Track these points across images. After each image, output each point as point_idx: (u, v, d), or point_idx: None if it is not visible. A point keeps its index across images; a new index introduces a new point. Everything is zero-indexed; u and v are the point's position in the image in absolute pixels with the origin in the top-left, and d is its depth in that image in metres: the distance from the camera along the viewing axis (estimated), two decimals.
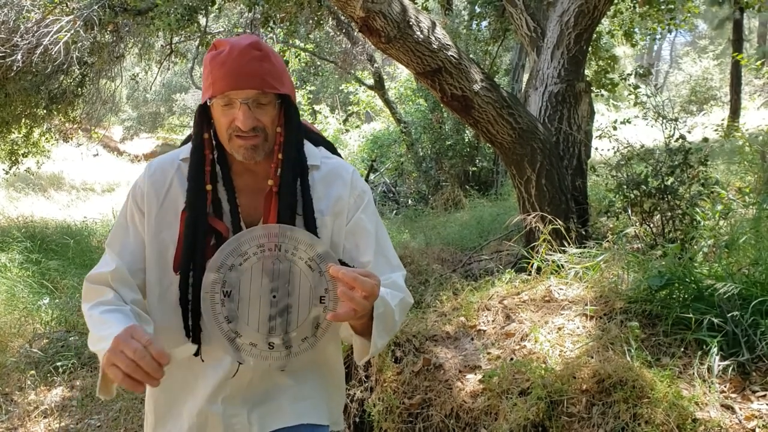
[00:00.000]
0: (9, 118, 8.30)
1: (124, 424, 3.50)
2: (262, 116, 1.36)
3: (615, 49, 11.69)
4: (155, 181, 1.45)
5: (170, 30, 7.37)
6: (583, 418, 2.40)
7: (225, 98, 1.34)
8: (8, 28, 6.79)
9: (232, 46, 1.33)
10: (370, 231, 1.48)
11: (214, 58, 1.34)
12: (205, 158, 1.41)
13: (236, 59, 1.31)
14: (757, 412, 2.20)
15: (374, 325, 1.31)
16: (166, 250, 1.42)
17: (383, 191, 12.14)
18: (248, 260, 1.30)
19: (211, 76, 1.34)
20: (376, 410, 2.92)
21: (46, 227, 9.14)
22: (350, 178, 1.51)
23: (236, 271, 1.30)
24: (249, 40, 1.34)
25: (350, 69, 12.69)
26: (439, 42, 4.02)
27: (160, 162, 1.50)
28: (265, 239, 1.30)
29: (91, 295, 1.39)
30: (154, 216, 1.43)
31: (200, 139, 1.41)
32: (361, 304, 1.19)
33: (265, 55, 1.34)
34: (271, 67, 1.35)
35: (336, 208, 1.47)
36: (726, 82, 18.41)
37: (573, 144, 4.70)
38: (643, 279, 3.08)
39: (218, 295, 1.30)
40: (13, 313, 5.03)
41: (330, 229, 1.45)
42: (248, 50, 1.32)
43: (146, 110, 25.81)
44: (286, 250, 1.30)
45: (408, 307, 1.50)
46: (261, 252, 1.30)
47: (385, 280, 1.44)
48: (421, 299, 4.09)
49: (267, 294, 1.31)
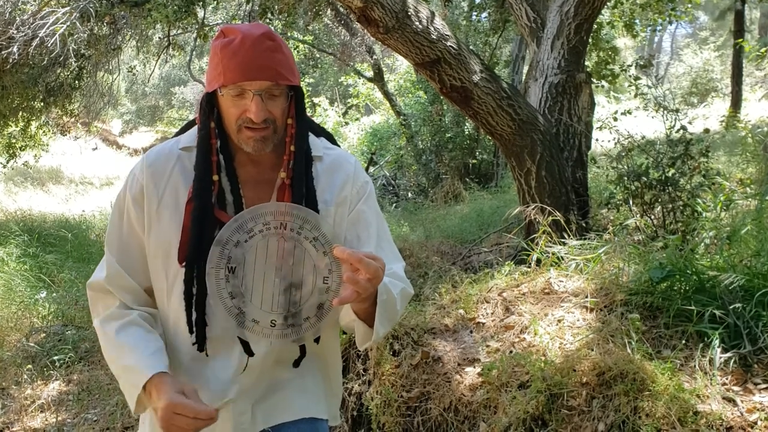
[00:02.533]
0: (6, 111, 8.26)
1: (121, 419, 3.48)
2: (273, 108, 1.34)
3: (616, 41, 11.64)
4: (154, 172, 1.41)
5: (168, 22, 7.32)
6: (583, 411, 2.38)
7: (237, 88, 1.31)
8: (4, 20, 6.75)
9: (244, 35, 1.29)
10: (371, 222, 1.49)
11: (225, 46, 1.30)
12: (211, 148, 1.38)
13: (249, 49, 1.28)
14: (759, 404, 2.18)
15: (377, 312, 1.31)
16: (169, 243, 1.39)
17: (383, 184, 12.11)
18: (254, 237, 1.29)
19: (221, 64, 1.30)
20: (374, 404, 2.90)
21: (44, 221, 9.12)
22: (353, 169, 1.51)
23: (241, 248, 1.29)
24: (261, 30, 1.31)
25: (349, 61, 12.64)
26: (438, 32, 3.98)
27: (158, 152, 1.45)
28: (271, 217, 1.29)
29: (97, 306, 1.44)
30: (155, 209, 1.40)
31: (207, 128, 1.38)
32: (365, 287, 1.20)
33: (278, 46, 1.32)
34: (284, 58, 1.33)
35: (339, 198, 1.46)
36: (727, 74, 18.34)
37: (573, 135, 4.67)
38: (644, 271, 3.05)
39: (223, 270, 1.28)
40: (10, 307, 5.01)
41: (333, 219, 1.44)
42: (262, 40, 1.30)
43: (145, 103, 25.79)
44: (292, 228, 1.29)
45: (409, 298, 1.50)
46: (267, 229, 1.29)
47: (387, 270, 1.43)
48: (420, 292, 4.06)
49: (271, 272, 1.30)
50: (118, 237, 1.44)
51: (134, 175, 1.44)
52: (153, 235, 1.41)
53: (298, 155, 1.39)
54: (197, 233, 1.34)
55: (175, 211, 1.39)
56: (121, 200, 1.45)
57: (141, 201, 1.41)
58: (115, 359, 1.39)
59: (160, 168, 1.42)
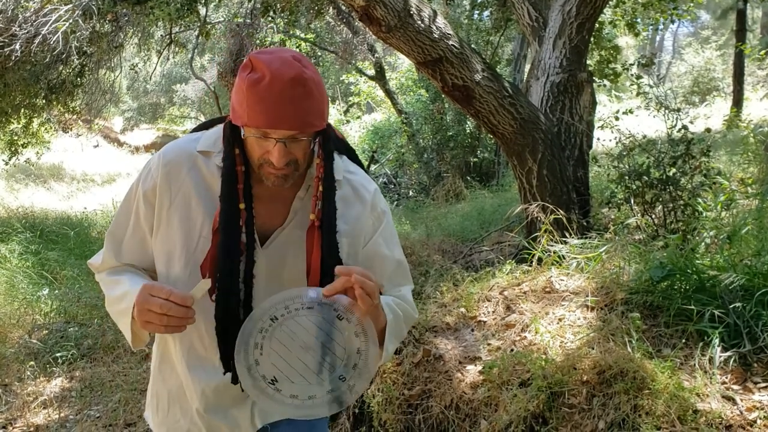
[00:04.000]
0: (8, 109, 8.26)
1: (124, 415, 3.50)
2: (296, 151, 1.31)
3: (617, 40, 11.63)
4: (170, 172, 1.39)
5: (170, 19, 7.32)
6: (583, 409, 2.39)
7: (260, 132, 1.28)
8: (6, 18, 6.74)
9: (273, 76, 1.22)
10: (386, 256, 1.50)
11: (252, 85, 1.24)
12: (237, 175, 1.35)
13: (277, 96, 1.23)
14: (758, 403, 2.19)
15: (387, 331, 1.34)
16: (174, 247, 1.39)
17: (384, 182, 12.11)
18: (273, 329, 1.30)
19: (246, 103, 1.25)
20: (375, 401, 2.91)
21: (46, 218, 9.13)
22: (371, 198, 1.49)
23: (261, 348, 1.30)
24: (292, 73, 1.23)
25: (351, 59, 12.64)
26: (440, 31, 3.99)
27: (176, 151, 1.42)
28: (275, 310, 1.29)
29: (101, 268, 1.50)
30: (165, 210, 1.39)
31: (232, 156, 1.35)
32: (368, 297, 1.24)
33: (308, 93, 1.25)
34: (313, 104, 1.27)
35: (355, 230, 1.45)
36: (728, 73, 18.31)
37: (574, 134, 4.67)
38: (644, 270, 3.06)
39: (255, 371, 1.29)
40: (12, 303, 5.02)
41: (345, 251, 1.41)
42: (290, 87, 1.23)
43: (146, 101, 25.74)
44: (283, 315, 1.29)
45: (413, 321, 1.56)
46: (273, 324, 1.29)
47: (395, 293, 1.50)
48: (422, 290, 4.07)
49: (304, 353, 1.30)
50: (123, 230, 1.45)
51: (150, 170, 1.42)
52: (159, 238, 1.41)
53: (327, 196, 1.37)
54: (227, 264, 1.33)
55: (185, 218, 1.38)
56: (132, 193, 1.44)
57: (152, 199, 1.40)
58: (109, 298, 1.43)
59: (175, 169, 1.40)
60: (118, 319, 1.41)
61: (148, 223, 1.42)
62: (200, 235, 1.38)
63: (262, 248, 1.39)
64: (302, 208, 1.42)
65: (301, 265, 1.38)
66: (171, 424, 1.50)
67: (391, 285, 1.50)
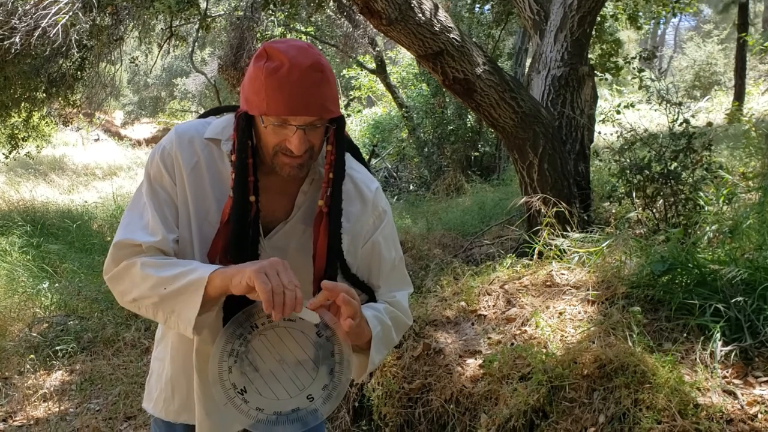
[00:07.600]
0: (8, 102, 8.24)
1: (124, 408, 3.50)
2: (313, 138, 1.31)
3: (619, 33, 11.59)
4: (184, 150, 1.38)
5: (170, 13, 7.31)
6: (583, 403, 2.38)
7: (280, 120, 1.27)
8: (6, 10, 6.71)
9: (292, 64, 1.23)
10: (384, 256, 1.48)
11: (271, 74, 1.24)
12: (248, 168, 1.34)
13: (297, 83, 1.23)
14: (759, 397, 2.18)
15: (372, 343, 1.34)
16: (184, 215, 1.38)
17: (385, 176, 12.10)
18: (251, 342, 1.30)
19: (264, 92, 1.25)
20: (375, 395, 2.92)
21: (46, 211, 9.12)
22: (372, 196, 1.49)
23: (241, 365, 1.30)
24: (310, 60, 1.25)
25: (352, 53, 12.59)
26: (441, 24, 3.97)
27: (189, 134, 1.41)
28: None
29: (124, 259, 1.35)
30: (178, 187, 1.38)
31: (245, 148, 1.34)
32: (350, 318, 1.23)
33: (326, 78, 1.27)
34: (330, 90, 1.28)
35: (354, 228, 1.44)
36: (730, 67, 18.26)
37: (576, 128, 4.66)
38: (645, 264, 3.05)
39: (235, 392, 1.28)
40: (12, 297, 5.02)
41: (346, 248, 1.41)
42: (310, 73, 1.24)
43: (147, 95, 25.70)
44: (263, 323, 1.29)
45: (405, 328, 1.53)
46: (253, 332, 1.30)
47: (390, 298, 1.48)
48: (422, 284, 4.07)
49: (278, 366, 1.31)
50: (159, 201, 1.38)
51: (166, 147, 1.40)
52: (180, 205, 1.39)
53: (336, 184, 1.37)
54: (237, 260, 1.31)
55: (200, 197, 1.38)
56: (153, 166, 1.40)
57: (173, 173, 1.38)
58: (160, 278, 1.29)
59: (189, 151, 1.38)
60: (176, 297, 1.27)
61: (173, 188, 1.39)
62: (206, 219, 1.38)
63: (266, 240, 1.39)
64: (306, 202, 1.42)
65: (303, 258, 1.38)
66: (170, 407, 1.50)
67: (387, 287, 1.49)
